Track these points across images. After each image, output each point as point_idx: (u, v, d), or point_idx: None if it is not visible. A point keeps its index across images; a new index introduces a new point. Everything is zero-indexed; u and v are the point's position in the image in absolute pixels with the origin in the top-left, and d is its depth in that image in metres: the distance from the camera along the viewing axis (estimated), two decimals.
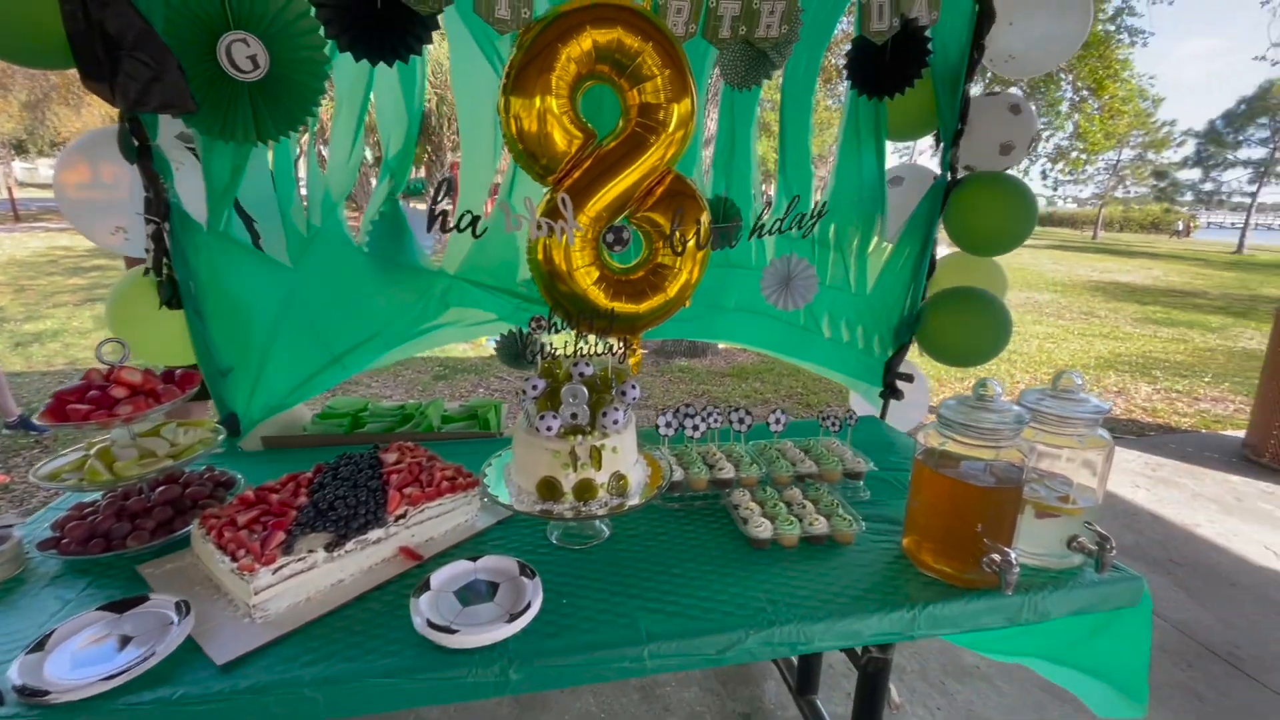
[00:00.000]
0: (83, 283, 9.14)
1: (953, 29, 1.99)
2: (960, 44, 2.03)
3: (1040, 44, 2.05)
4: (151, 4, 1.43)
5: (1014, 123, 2.13)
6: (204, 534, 1.08)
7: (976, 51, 2.03)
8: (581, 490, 1.13)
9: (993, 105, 2.11)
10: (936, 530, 1.17)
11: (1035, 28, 2.02)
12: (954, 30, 2.00)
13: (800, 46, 1.97)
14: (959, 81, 2.05)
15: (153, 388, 1.23)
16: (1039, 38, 2.04)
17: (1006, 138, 2.13)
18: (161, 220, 1.56)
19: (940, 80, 2.04)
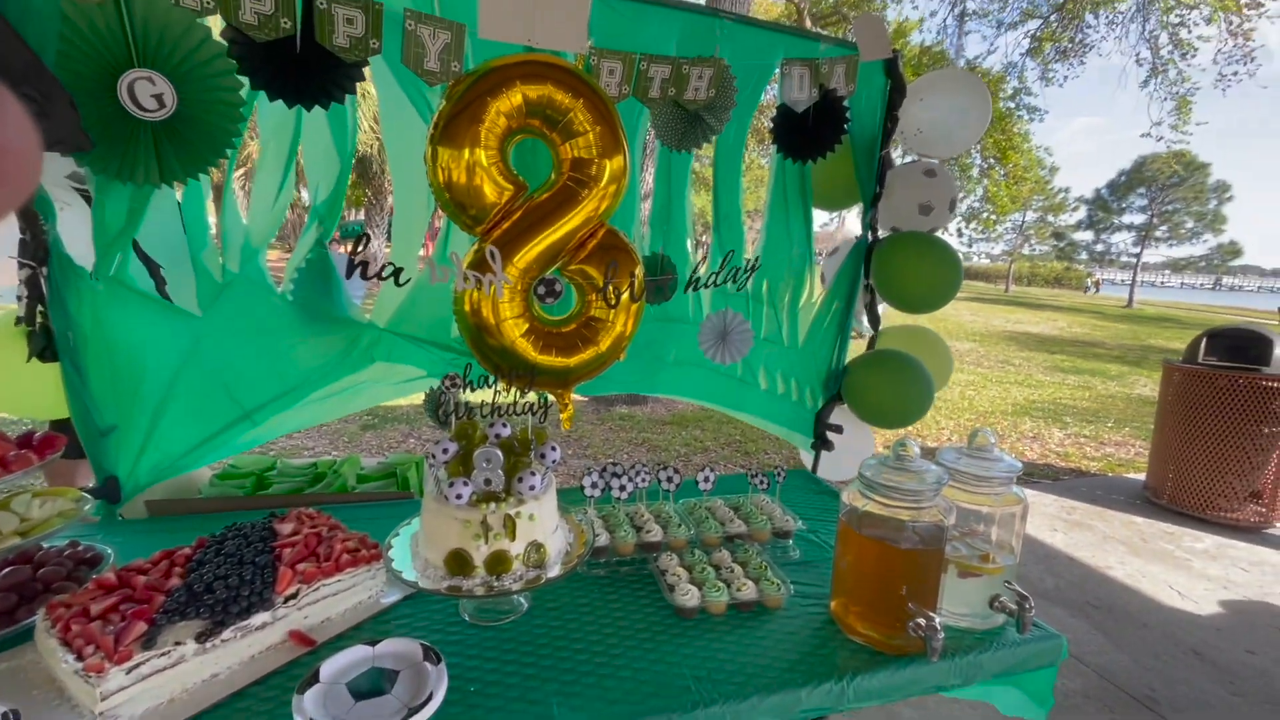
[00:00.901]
0: None
1: (868, 101, 2.15)
2: (875, 115, 2.19)
3: (947, 124, 2.22)
4: (44, 36, 1.32)
5: (930, 185, 2.28)
6: (49, 626, 0.94)
7: (890, 122, 2.20)
8: (494, 563, 1.05)
9: (910, 170, 2.26)
10: (862, 593, 1.16)
11: (943, 108, 2.19)
12: (869, 102, 2.16)
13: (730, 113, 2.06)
14: (875, 149, 2.19)
15: (3, 455, 1.08)
16: (946, 117, 2.20)
17: (925, 199, 2.27)
18: (38, 265, 1.42)
19: (859, 148, 2.18)
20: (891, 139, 2.23)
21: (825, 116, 2.09)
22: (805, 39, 2.19)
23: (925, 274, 2.22)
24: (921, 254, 2.21)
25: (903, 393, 2.23)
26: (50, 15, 1.32)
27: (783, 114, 2.13)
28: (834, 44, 2.13)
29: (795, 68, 2.04)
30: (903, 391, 2.23)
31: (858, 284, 2.31)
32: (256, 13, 1.46)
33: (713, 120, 2.02)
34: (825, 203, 2.50)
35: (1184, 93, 8.81)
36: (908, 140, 2.30)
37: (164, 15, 1.41)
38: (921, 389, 2.21)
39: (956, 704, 2.31)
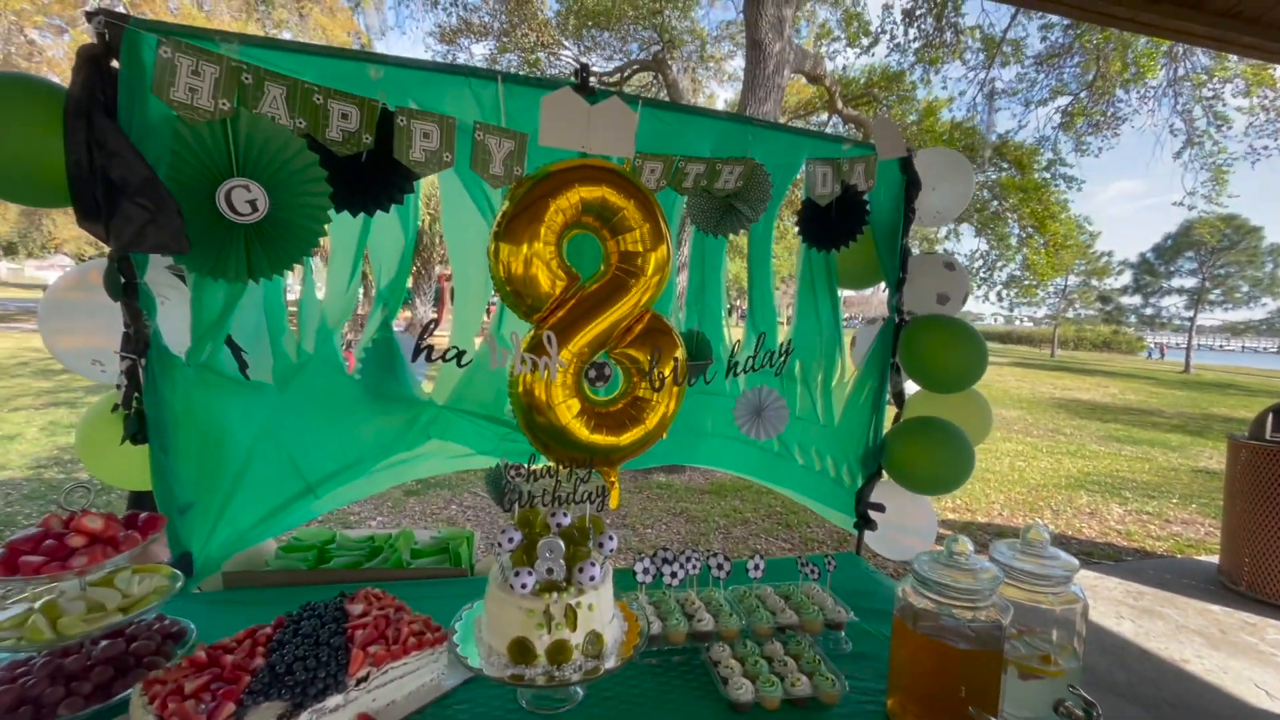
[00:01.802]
0: (48, 385, 8.93)
1: (887, 193, 2.31)
2: (895, 206, 2.31)
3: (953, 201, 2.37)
4: (159, 152, 1.50)
5: (949, 278, 2.39)
6: (145, 702, 1.00)
7: (910, 213, 2.33)
8: (555, 653, 1.09)
9: (931, 262, 2.38)
10: (920, 692, 1.14)
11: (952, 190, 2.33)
12: (889, 194, 2.32)
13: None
14: (896, 237, 2.31)
15: (113, 535, 1.19)
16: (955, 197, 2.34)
17: (943, 289, 2.36)
18: (138, 356, 1.57)
19: (880, 236, 2.31)
20: (909, 229, 2.34)
21: (847, 209, 2.24)
22: (827, 140, 2.37)
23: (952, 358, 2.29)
24: (948, 338, 2.28)
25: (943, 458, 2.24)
26: (165, 134, 1.51)
27: (807, 207, 2.27)
28: (854, 145, 2.28)
29: (819, 166, 2.19)
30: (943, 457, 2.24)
31: (888, 363, 2.37)
32: (342, 130, 1.66)
33: (748, 210, 2.15)
34: (852, 284, 2.62)
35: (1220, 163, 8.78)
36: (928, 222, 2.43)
37: (265, 130, 1.59)
38: (962, 454, 2.22)
39: None
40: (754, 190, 2.15)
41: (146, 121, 1.47)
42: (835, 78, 9.38)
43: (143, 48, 1.46)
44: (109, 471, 1.69)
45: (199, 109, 1.50)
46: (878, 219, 2.27)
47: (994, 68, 8.82)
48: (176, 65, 1.46)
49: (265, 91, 1.56)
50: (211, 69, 1.50)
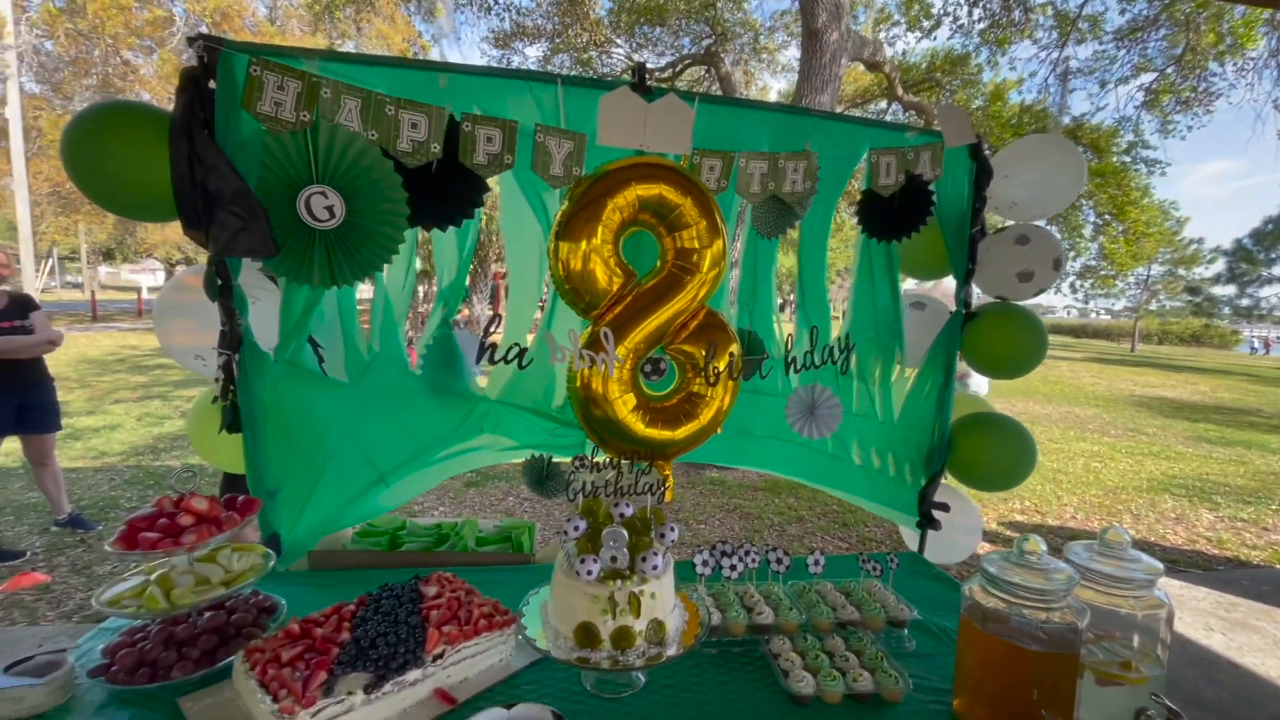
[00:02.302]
0: (143, 379, 9.67)
1: (955, 182, 2.22)
2: (963, 195, 2.23)
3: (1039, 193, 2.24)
4: (250, 163, 1.63)
5: (1025, 253, 2.25)
6: (248, 669, 1.10)
7: (979, 202, 2.23)
8: (619, 638, 1.12)
9: (1001, 241, 2.26)
10: (989, 694, 1.12)
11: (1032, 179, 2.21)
12: (956, 183, 2.23)
13: (817, 199, 2.16)
14: (965, 227, 2.22)
15: (216, 515, 1.30)
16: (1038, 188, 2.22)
17: (1022, 267, 2.24)
18: (233, 352, 1.70)
19: (948, 226, 2.23)
20: (980, 218, 2.25)
21: (911, 199, 2.18)
22: (890, 129, 2.30)
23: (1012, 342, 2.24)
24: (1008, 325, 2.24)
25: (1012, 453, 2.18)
26: (255, 147, 1.63)
27: (868, 197, 2.21)
28: (919, 133, 2.21)
29: (882, 156, 2.14)
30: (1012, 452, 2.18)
31: (954, 357, 2.29)
32: (412, 140, 1.74)
33: (797, 207, 2.13)
34: (916, 273, 2.54)
35: None
36: (1003, 213, 2.31)
37: (342, 139, 1.69)
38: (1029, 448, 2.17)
39: None
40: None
41: (239, 136, 1.59)
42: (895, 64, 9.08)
43: (235, 67, 1.57)
44: (213, 455, 1.85)
45: (282, 121, 1.60)
46: (945, 208, 2.21)
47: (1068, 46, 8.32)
48: (264, 82, 1.58)
49: (341, 104, 1.65)
50: (294, 84, 1.60)
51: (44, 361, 3.85)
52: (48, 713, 1.11)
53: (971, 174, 2.24)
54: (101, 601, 1.22)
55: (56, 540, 3.95)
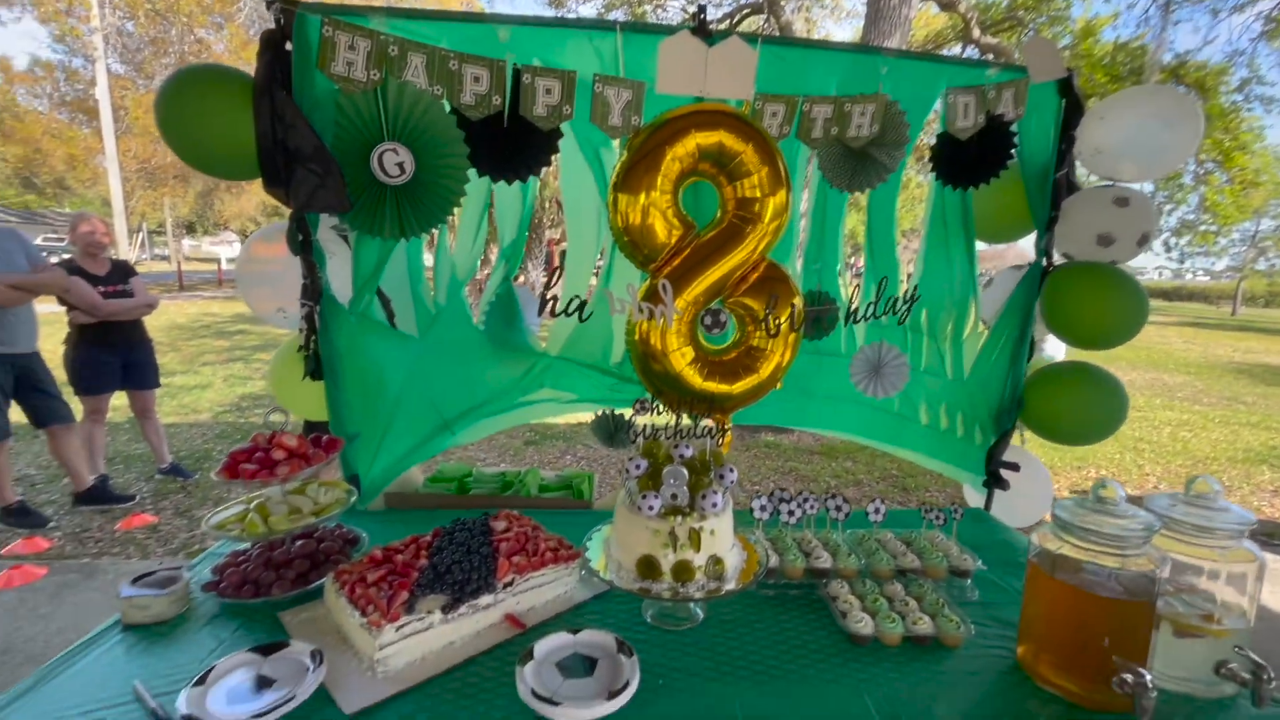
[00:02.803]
0: (225, 344, 10.35)
1: (1040, 123, 2.06)
2: (1048, 137, 2.07)
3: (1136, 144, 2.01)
4: (325, 122, 1.70)
5: (1118, 215, 2.07)
6: (338, 588, 1.20)
7: (1065, 143, 2.06)
8: (679, 571, 1.16)
9: (1097, 196, 2.07)
10: (1057, 641, 1.10)
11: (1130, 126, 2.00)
12: (1042, 124, 2.07)
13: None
14: (1049, 172, 2.06)
15: (305, 451, 1.41)
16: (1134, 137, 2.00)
17: (1106, 229, 2.07)
18: (314, 303, 1.80)
19: (1030, 172, 2.09)
20: (1066, 161, 2.09)
21: (991, 141, 2.03)
22: (969, 67, 2.15)
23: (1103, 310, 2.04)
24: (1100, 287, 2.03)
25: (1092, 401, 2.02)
26: (329, 105, 1.69)
27: (943, 141, 2.09)
28: (1002, 69, 2.06)
29: (960, 96, 2.01)
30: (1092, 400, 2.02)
31: (1031, 312, 2.16)
32: (474, 94, 1.76)
33: (885, 158, 2.03)
34: (991, 234, 2.37)
35: None
36: (1085, 160, 2.12)
37: (410, 96, 1.73)
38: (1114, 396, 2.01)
39: None
40: (890, 132, 2.01)
41: (314, 95, 1.66)
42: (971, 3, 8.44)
43: (309, 29, 1.63)
44: (294, 404, 1.97)
45: (354, 80, 1.65)
46: (1027, 151, 2.06)
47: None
48: (336, 42, 1.62)
49: (408, 61, 1.69)
50: (364, 43, 1.64)
51: (144, 323, 4.18)
52: (169, 620, 1.25)
53: (1059, 113, 2.07)
54: (210, 525, 1.35)
55: (160, 486, 4.35)
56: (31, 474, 4.41)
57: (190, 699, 0.99)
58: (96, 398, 3.98)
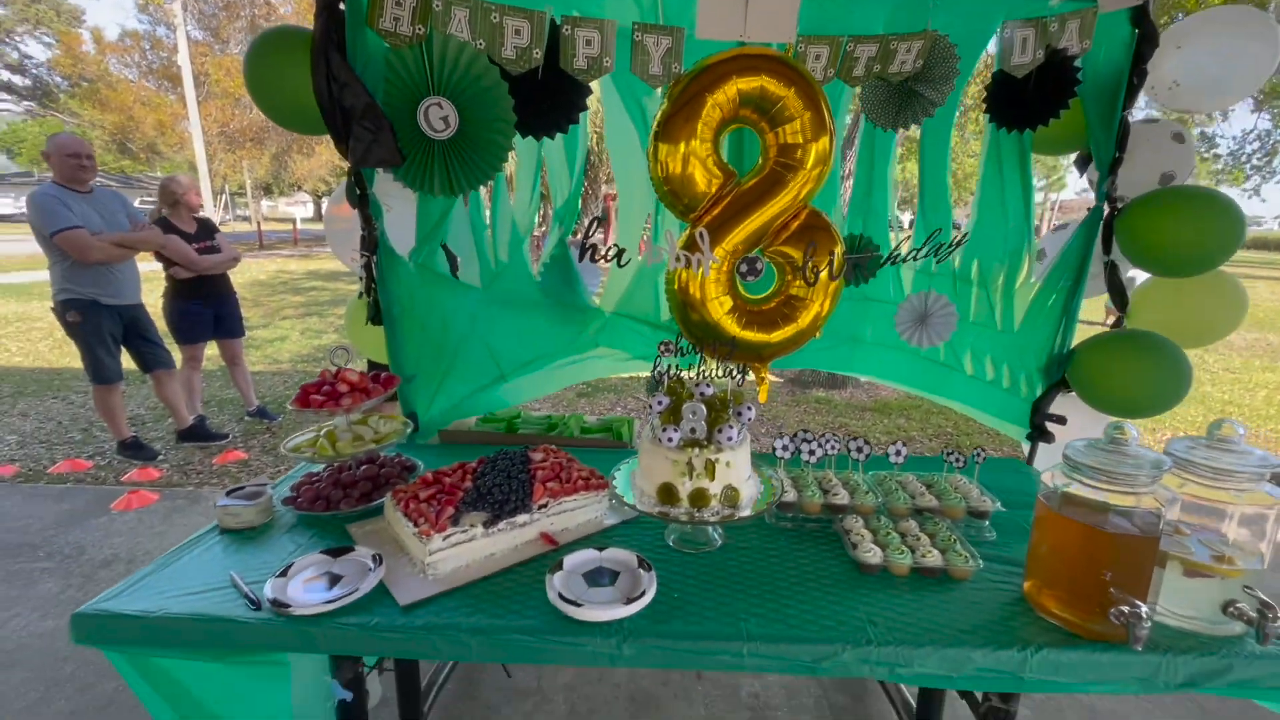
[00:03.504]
0: (301, 300, 11.00)
1: (1108, 56, 1.90)
2: (1116, 71, 1.91)
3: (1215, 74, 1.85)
4: (376, 79, 1.78)
5: (1177, 152, 1.94)
6: (395, 504, 1.36)
7: (1136, 77, 1.89)
8: (696, 498, 1.25)
9: (1155, 132, 1.94)
10: (1060, 576, 1.13)
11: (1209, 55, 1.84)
12: (1109, 57, 1.90)
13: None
14: (1115, 109, 1.91)
15: (366, 386, 1.56)
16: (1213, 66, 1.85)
17: (1169, 168, 1.94)
18: (371, 253, 1.94)
19: (1094, 109, 1.93)
20: (1136, 97, 1.94)
21: (1051, 79, 1.91)
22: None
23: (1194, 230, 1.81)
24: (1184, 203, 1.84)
25: (1140, 372, 1.90)
26: (379, 62, 1.77)
27: (998, 81, 1.99)
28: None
29: (1017, 30, 1.90)
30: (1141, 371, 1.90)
31: (1088, 261, 2.05)
32: (515, 47, 1.81)
33: (931, 94, 1.96)
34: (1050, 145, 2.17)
35: None
36: (1160, 96, 1.97)
37: (454, 50, 1.79)
38: (1168, 369, 1.88)
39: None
40: (937, 68, 1.93)
41: (366, 53, 1.74)
42: None
43: None
44: (365, 346, 2.15)
45: (401, 35, 1.73)
46: (1092, 87, 1.91)
47: None
48: None
49: (451, 15, 1.75)
50: None
51: (229, 277, 4.53)
52: (257, 526, 1.44)
53: (1131, 44, 1.87)
54: (287, 448, 1.54)
55: (249, 427, 4.78)
56: (141, 414, 4.94)
57: (274, 587, 1.17)
58: (193, 346, 4.39)
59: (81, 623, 1.11)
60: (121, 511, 3.35)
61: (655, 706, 2.08)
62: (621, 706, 2.08)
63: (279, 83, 1.75)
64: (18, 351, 6.79)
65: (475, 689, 2.15)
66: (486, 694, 2.13)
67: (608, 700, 2.10)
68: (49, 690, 2.10)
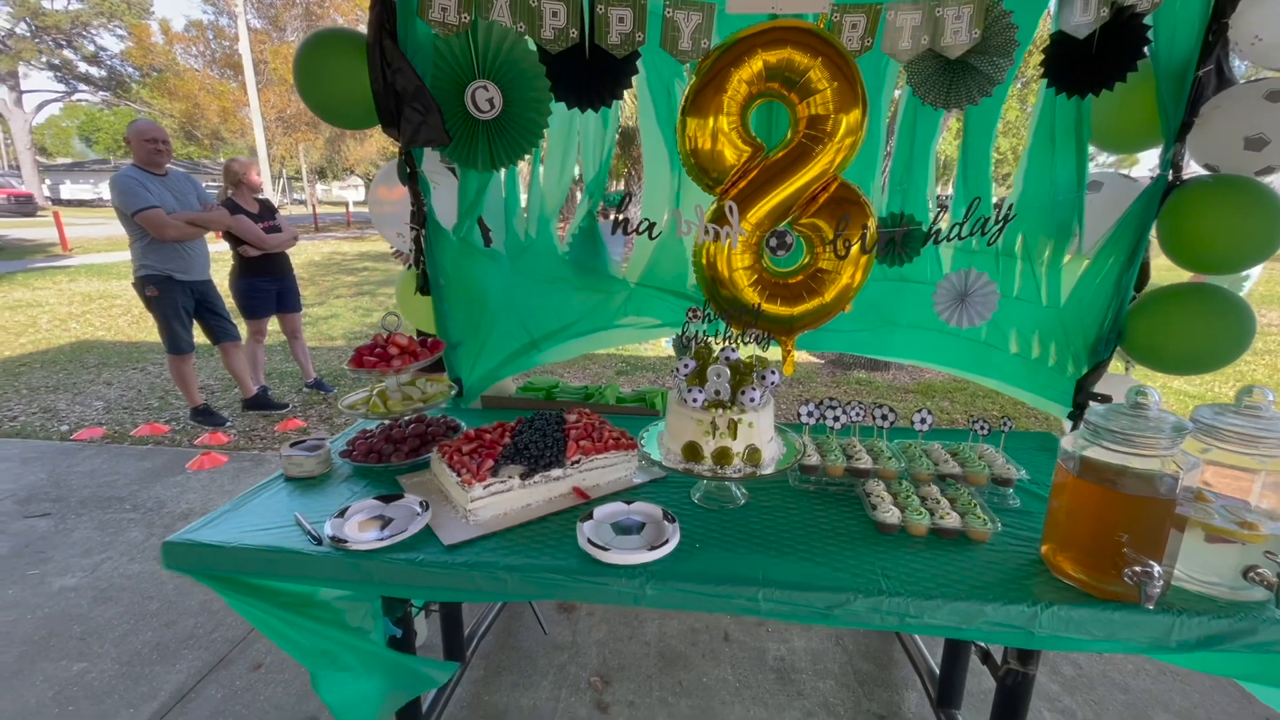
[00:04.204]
0: (353, 280, 11.43)
1: (1185, 9, 1.73)
2: (1192, 27, 1.75)
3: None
4: (425, 63, 1.89)
5: (1270, 113, 1.79)
6: (440, 457, 1.47)
7: (1213, 34, 1.75)
8: (719, 456, 1.31)
9: (1244, 93, 1.76)
10: (1076, 537, 1.15)
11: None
12: (1186, 11, 1.74)
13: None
14: (1189, 70, 1.79)
15: (414, 349, 1.68)
16: None
17: (1257, 130, 1.80)
18: (420, 228, 2.05)
19: (1165, 70, 1.78)
20: (1213, 55, 1.81)
21: (1116, 39, 1.78)
22: None
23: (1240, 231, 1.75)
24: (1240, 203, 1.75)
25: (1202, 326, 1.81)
26: (427, 47, 1.87)
27: (1057, 42, 1.89)
28: None
29: None
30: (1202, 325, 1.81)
31: (1146, 234, 1.96)
32: (553, 28, 1.87)
33: (989, 69, 1.85)
34: (1114, 141, 2.14)
35: None
36: (1242, 51, 1.82)
37: (498, 34, 1.88)
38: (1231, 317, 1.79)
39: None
40: (994, 38, 1.82)
41: (415, 41, 1.84)
42: None
43: None
44: (413, 317, 2.28)
45: (448, 24, 1.82)
46: (1164, 47, 1.77)
47: None
48: None
49: (494, 2, 1.82)
50: None
51: (289, 255, 4.78)
52: (316, 476, 1.58)
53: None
54: (344, 405, 1.67)
55: (307, 398, 5.06)
56: (210, 384, 5.29)
57: (333, 525, 1.29)
58: (258, 320, 4.67)
59: (171, 550, 1.26)
60: (196, 471, 3.64)
61: (684, 664, 2.17)
62: (651, 662, 2.18)
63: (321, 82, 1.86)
64: (100, 326, 7.32)
65: (513, 639, 2.29)
66: (525, 643, 2.26)
67: (638, 656, 2.21)
68: (137, 623, 2.34)
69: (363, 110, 1.87)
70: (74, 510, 3.16)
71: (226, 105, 23.95)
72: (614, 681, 2.09)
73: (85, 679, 2.08)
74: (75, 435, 4.17)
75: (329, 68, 1.83)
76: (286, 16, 20.67)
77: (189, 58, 25.10)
